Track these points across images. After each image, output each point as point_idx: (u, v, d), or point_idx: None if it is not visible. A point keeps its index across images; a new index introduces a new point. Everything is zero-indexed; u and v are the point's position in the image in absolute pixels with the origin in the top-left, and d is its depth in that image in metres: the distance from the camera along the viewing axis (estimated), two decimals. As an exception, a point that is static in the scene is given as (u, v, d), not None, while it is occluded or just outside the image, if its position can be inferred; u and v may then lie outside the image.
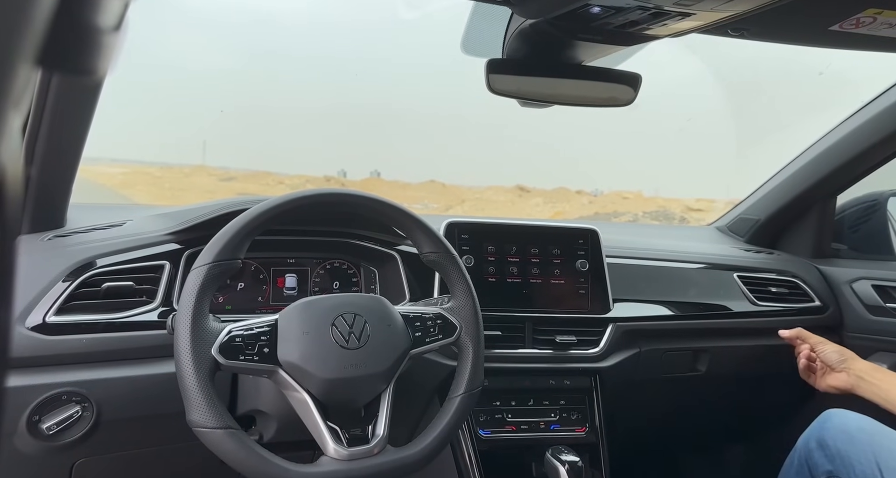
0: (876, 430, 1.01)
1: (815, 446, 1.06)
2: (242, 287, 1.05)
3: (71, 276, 0.87)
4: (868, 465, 0.97)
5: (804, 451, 1.09)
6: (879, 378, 1.04)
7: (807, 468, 1.07)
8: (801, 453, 1.10)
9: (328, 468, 0.72)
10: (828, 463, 1.03)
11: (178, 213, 1.04)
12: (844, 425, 1.04)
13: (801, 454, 1.09)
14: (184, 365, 0.69)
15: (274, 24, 10.43)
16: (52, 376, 0.82)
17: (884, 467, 0.95)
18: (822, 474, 1.05)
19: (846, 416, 1.06)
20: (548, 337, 1.14)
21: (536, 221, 1.22)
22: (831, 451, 1.03)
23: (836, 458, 1.02)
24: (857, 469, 0.98)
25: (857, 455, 0.99)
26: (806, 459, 1.08)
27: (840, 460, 1.01)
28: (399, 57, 9.54)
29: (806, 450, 1.08)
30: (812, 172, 1.52)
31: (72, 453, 0.85)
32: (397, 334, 0.81)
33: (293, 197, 0.81)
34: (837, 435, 1.03)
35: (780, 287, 1.42)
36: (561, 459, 0.92)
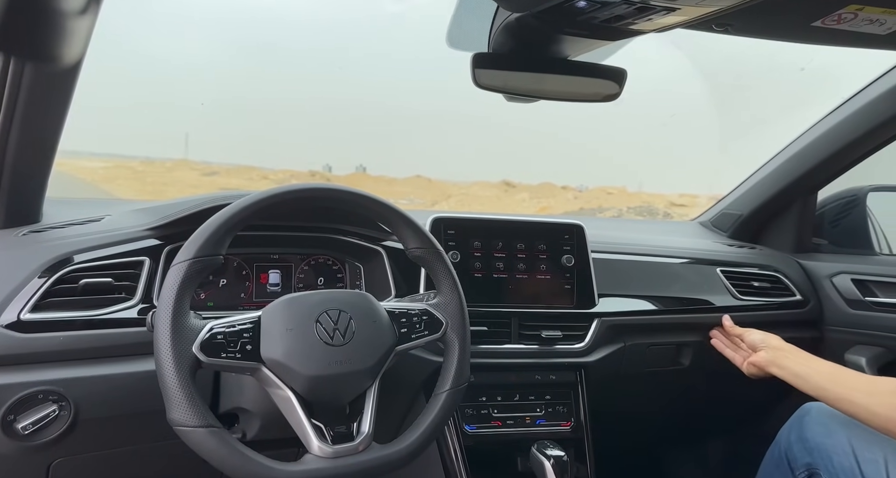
0: (852, 421, 1.02)
1: (794, 439, 1.08)
2: (225, 283, 1.04)
3: (47, 272, 0.85)
4: (845, 456, 0.98)
5: (784, 444, 1.10)
6: (793, 352, 1.10)
7: (786, 462, 1.09)
8: (781, 446, 1.11)
9: (313, 466, 0.72)
10: (807, 456, 1.05)
11: (159, 208, 1.02)
12: (822, 419, 1.05)
13: (782, 448, 1.11)
14: (164, 363, 0.68)
15: (257, 18, 10.31)
16: (27, 375, 0.80)
17: (861, 458, 0.96)
18: (801, 467, 1.06)
19: (823, 409, 1.07)
20: (534, 332, 1.14)
21: (522, 216, 1.22)
22: (810, 444, 1.05)
23: (815, 451, 1.03)
24: (835, 461, 0.99)
25: (834, 448, 1.01)
26: (786, 452, 1.09)
27: (818, 452, 1.03)
28: (385, 50, 9.50)
29: (786, 443, 1.10)
30: (793, 168, 1.54)
31: (49, 453, 0.84)
32: (383, 331, 0.81)
33: (276, 192, 0.80)
34: (815, 428, 1.05)
35: (762, 282, 1.44)
36: (546, 453, 0.92)
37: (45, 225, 0.97)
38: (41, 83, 0.83)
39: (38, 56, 0.69)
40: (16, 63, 0.77)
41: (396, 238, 0.90)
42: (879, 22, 0.81)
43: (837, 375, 1.01)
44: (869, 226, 1.55)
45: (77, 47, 0.75)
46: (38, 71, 0.80)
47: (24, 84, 0.81)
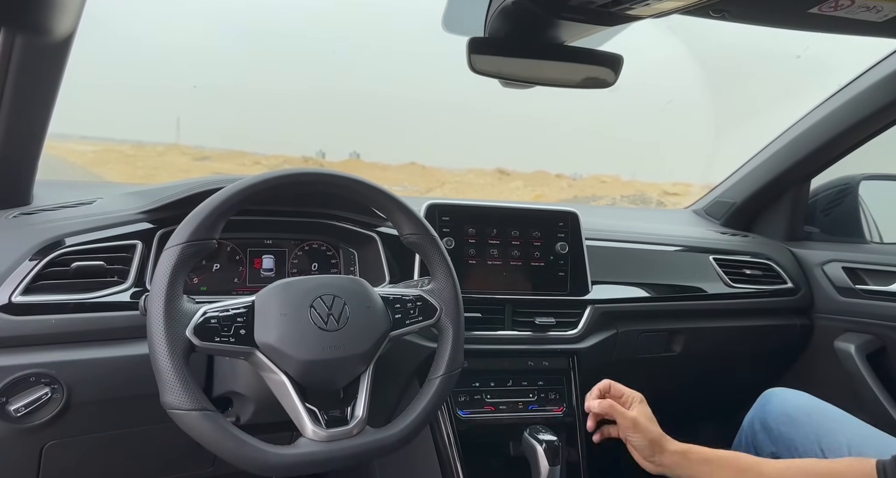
0: (815, 408, 1.03)
1: (759, 428, 1.08)
2: (218, 268, 1.04)
3: (38, 255, 0.84)
4: (810, 446, 0.98)
5: (749, 432, 1.10)
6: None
7: (753, 449, 1.09)
8: (746, 433, 1.11)
9: (307, 450, 0.72)
10: (771, 445, 1.05)
11: (151, 191, 1.01)
12: (783, 407, 1.05)
13: (747, 435, 1.11)
14: (157, 346, 0.68)
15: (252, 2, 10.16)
16: (19, 358, 0.80)
17: (825, 447, 0.97)
18: (767, 455, 1.06)
19: (785, 396, 1.07)
20: (527, 319, 1.14)
21: (517, 203, 1.22)
22: (774, 433, 1.05)
23: (779, 440, 1.04)
24: (801, 450, 1.00)
25: (799, 437, 1.01)
26: (752, 439, 1.09)
27: (783, 441, 1.03)
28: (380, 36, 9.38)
29: (751, 431, 1.10)
30: (787, 156, 1.55)
31: (42, 435, 0.84)
32: (377, 316, 0.81)
33: (271, 176, 0.79)
34: (779, 417, 1.05)
35: (753, 269, 1.45)
36: (538, 438, 0.93)
37: (35, 207, 0.96)
38: (32, 58, 0.81)
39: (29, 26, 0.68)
40: (6, 35, 0.76)
41: (391, 224, 0.89)
42: (876, 9, 0.80)
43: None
44: (861, 214, 1.56)
45: (69, 18, 0.74)
46: (29, 45, 0.78)
47: (14, 59, 0.80)
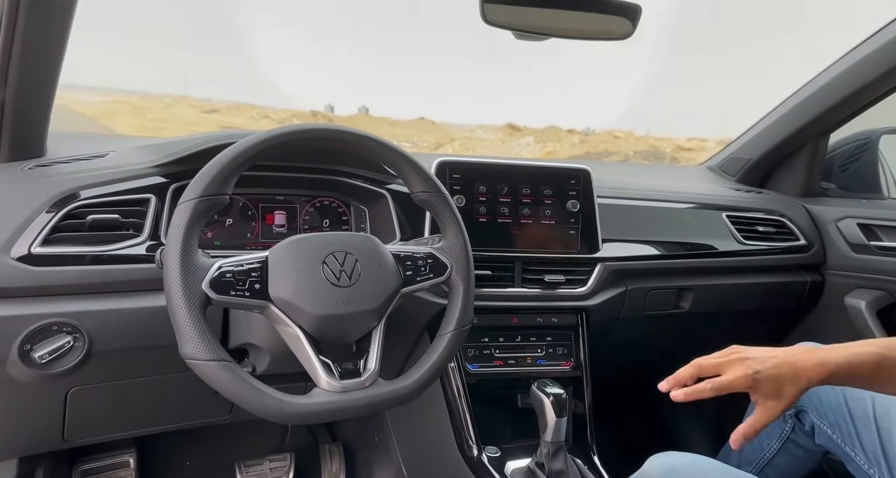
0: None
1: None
2: (231, 223, 1.04)
3: (55, 207, 0.85)
4: (834, 396, 0.99)
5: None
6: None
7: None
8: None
9: (322, 399, 0.74)
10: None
11: (163, 145, 1.01)
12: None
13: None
14: (174, 299, 0.69)
15: (255, -54, 9.60)
16: (41, 307, 0.82)
17: (849, 396, 0.97)
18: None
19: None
20: (537, 276, 1.15)
21: (529, 160, 1.20)
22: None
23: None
24: (824, 400, 1.01)
25: (823, 387, 1.01)
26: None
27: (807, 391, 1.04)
28: (388, -15, 8.83)
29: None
30: (806, 111, 1.51)
31: (66, 381, 0.87)
32: (388, 273, 0.81)
33: (281, 132, 0.79)
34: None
35: (766, 226, 1.44)
36: (546, 391, 0.95)
37: (50, 159, 0.96)
38: (41, 9, 0.80)
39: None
40: None
41: (401, 181, 0.89)
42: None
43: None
44: (879, 170, 1.53)
45: None
46: None
47: (21, 10, 0.79)
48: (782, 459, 1.12)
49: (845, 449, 0.97)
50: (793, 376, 0.76)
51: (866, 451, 0.93)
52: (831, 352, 0.77)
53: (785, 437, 1.10)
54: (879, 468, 0.91)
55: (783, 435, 1.10)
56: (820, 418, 1.02)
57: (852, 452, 0.95)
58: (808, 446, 1.08)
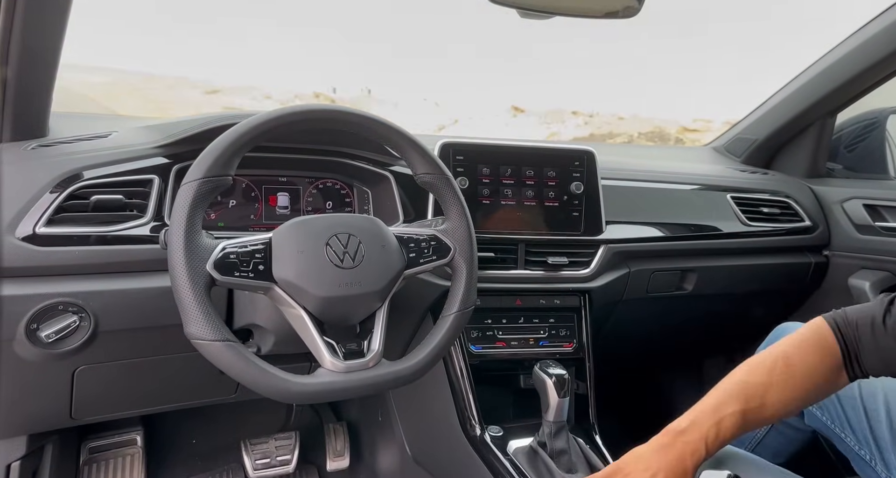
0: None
1: None
2: (234, 204, 1.04)
3: (58, 187, 0.85)
4: None
5: None
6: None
7: None
8: None
9: (326, 379, 0.75)
10: None
11: (165, 126, 1.01)
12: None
13: None
14: (179, 280, 0.70)
15: (256, -78, 9.42)
16: (47, 287, 0.82)
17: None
18: None
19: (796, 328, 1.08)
20: (540, 259, 1.15)
21: (533, 142, 1.20)
22: None
23: None
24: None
25: None
26: None
27: None
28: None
29: None
30: (813, 91, 1.49)
31: (73, 360, 0.88)
32: (391, 255, 0.82)
33: (284, 112, 0.78)
34: None
35: (771, 207, 1.43)
36: (548, 371, 0.95)
37: (52, 140, 0.96)
38: None
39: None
40: None
41: (405, 163, 0.89)
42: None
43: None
44: (887, 150, 1.52)
45: None
46: None
47: None
48: (773, 438, 1.13)
49: (835, 431, 0.98)
50: (681, 476, 0.74)
51: (856, 432, 0.94)
52: (699, 434, 0.76)
53: None
54: (870, 449, 0.91)
55: None
56: None
57: (842, 433, 0.96)
58: (798, 426, 1.09)
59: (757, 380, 0.79)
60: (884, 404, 0.90)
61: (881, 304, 0.79)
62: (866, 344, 0.78)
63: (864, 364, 0.79)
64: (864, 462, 0.93)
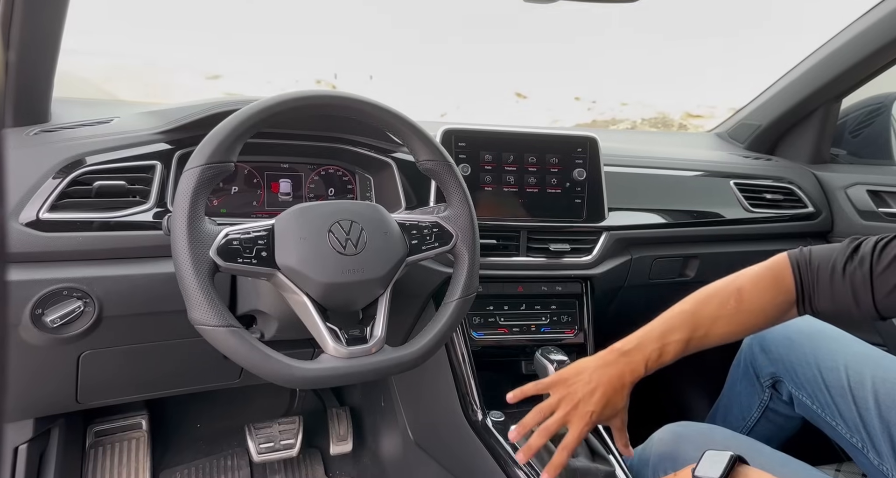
0: (814, 330, 1.04)
1: (758, 350, 1.10)
2: (237, 191, 1.04)
3: (61, 173, 0.85)
4: (808, 368, 1.00)
5: (748, 354, 1.12)
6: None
7: (752, 370, 1.12)
8: (745, 355, 1.14)
9: (329, 365, 0.75)
10: (771, 365, 1.07)
11: (167, 111, 1.00)
12: (784, 330, 1.05)
13: (746, 356, 1.13)
14: (183, 266, 0.70)
15: None
16: (51, 272, 0.83)
17: (823, 367, 0.98)
18: (766, 376, 1.09)
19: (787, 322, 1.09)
20: (542, 246, 1.15)
21: (535, 128, 1.19)
22: (773, 355, 1.07)
23: (779, 362, 1.05)
24: (799, 372, 1.02)
25: (797, 359, 1.02)
26: (750, 361, 1.12)
27: (782, 363, 1.05)
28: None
29: (750, 353, 1.12)
30: (818, 75, 1.48)
31: (78, 345, 0.88)
32: (394, 242, 0.82)
33: (286, 98, 0.78)
34: (779, 339, 1.06)
35: (774, 194, 1.43)
36: (550, 358, 0.96)
37: (54, 125, 0.96)
38: None
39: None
40: None
41: (407, 149, 0.88)
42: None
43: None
44: (891, 135, 1.51)
45: None
46: None
47: None
48: (764, 426, 1.13)
49: (826, 418, 0.98)
50: (617, 392, 0.83)
51: (846, 420, 0.94)
52: (641, 355, 0.84)
53: (764, 405, 1.11)
54: (861, 436, 0.92)
55: (762, 404, 1.12)
56: (797, 388, 1.03)
57: (833, 421, 0.97)
58: (787, 413, 1.10)
59: (707, 312, 0.85)
60: (872, 393, 0.91)
61: (845, 249, 0.82)
62: (823, 287, 0.81)
63: (816, 305, 0.82)
64: (856, 450, 0.93)
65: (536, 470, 0.94)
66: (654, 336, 0.84)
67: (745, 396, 1.15)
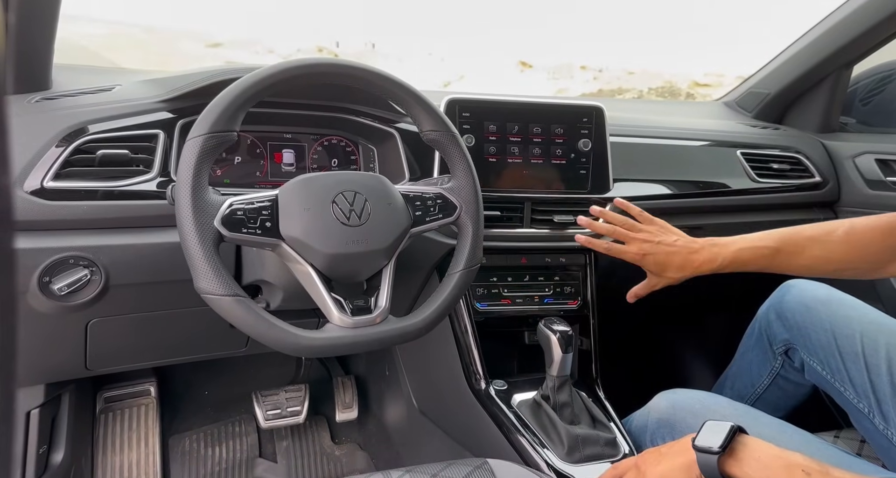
0: (832, 298, 1.04)
1: (774, 317, 1.10)
2: (240, 161, 1.04)
3: (64, 141, 0.85)
4: (824, 334, 1.01)
5: (764, 321, 1.13)
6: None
7: (766, 338, 1.13)
8: (760, 323, 1.15)
9: (334, 334, 0.76)
10: (785, 332, 1.08)
11: (168, 79, 0.99)
12: (802, 297, 1.06)
13: (762, 324, 1.14)
14: (188, 235, 0.70)
15: None
16: (57, 241, 0.83)
17: (838, 334, 0.99)
18: (779, 343, 1.10)
19: (805, 287, 1.08)
20: (546, 217, 1.15)
21: (540, 98, 1.17)
22: (789, 322, 1.07)
23: (794, 328, 1.06)
24: (813, 338, 1.03)
25: (813, 325, 1.03)
26: (765, 329, 1.13)
27: (797, 330, 1.06)
28: None
29: (766, 321, 1.13)
30: (829, 42, 1.45)
31: (85, 313, 0.89)
32: (398, 213, 0.82)
33: (288, 66, 0.77)
34: (795, 307, 1.07)
35: (781, 163, 1.42)
36: (553, 328, 0.96)
37: (56, 92, 0.95)
38: None
39: None
40: None
41: (410, 120, 0.88)
42: None
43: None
44: None
45: None
46: None
47: None
48: (772, 393, 1.15)
49: (835, 385, 0.99)
50: (680, 264, 0.94)
51: (855, 386, 0.95)
52: (725, 248, 0.92)
53: (775, 373, 1.13)
54: (868, 402, 0.93)
55: (773, 371, 1.13)
56: (810, 355, 1.04)
57: (842, 387, 0.98)
58: (797, 381, 1.11)
59: (808, 232, 0.87)
60: (885, 359, 0.92)
61: None
62: None
63: None
64: (861, 415, 0.95)
65: (539, 436, 0.96)
66: (743, 239, 0.89)
67: (756, 364, 1.16)
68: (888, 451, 0.90)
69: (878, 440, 0.93)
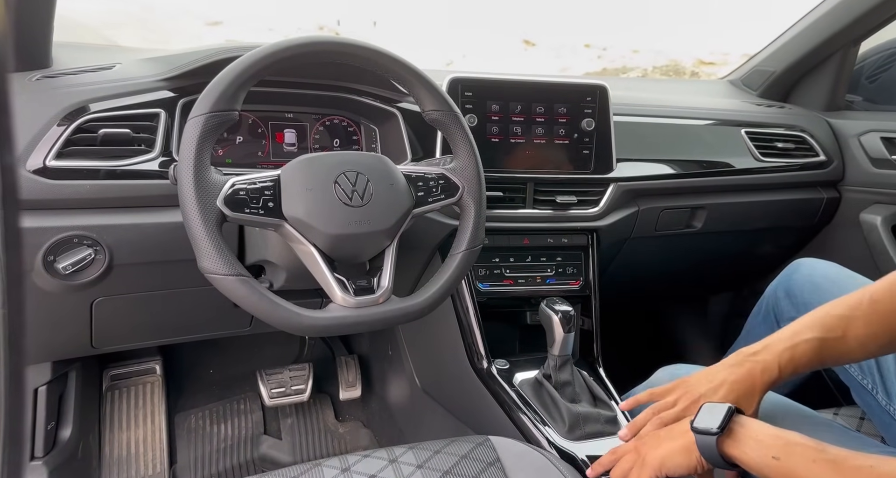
0: (842, 276, 1.03)
1: (782, 295, 1.10)
2: (241, 141, 1.04)
3: (66, 120, 0.84)
4: None
5: (772, 299, 1.13)
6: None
7: (773, 316, 1.13)
8: (768, 301, 1.14)
9: (337, 314, 0.77)
10: (793, 311, 1.07)
11: (169, 58, 0.98)
12: (811, 275, 1.05)
13: (769, 303, 1.14)
14: (190, 215, 0.70)
15: None
16: (61, 220, 0.83)
17: None
18: (786, 321, 1.09)
19: (814, 265, 1.07)
20: (548, 198, 1.14)
21: (543, 77, 1.16)
22: (797, 300, 1.06)
23: (802, 306, 1.05)
24: None
25: (821, 303, 1.03)
26: (773, 307, 1.12)
27: (805, 308, 1.04)
28: None
29: (773, 298, 1.12)
30: (836, 19, 1.42)
31: (89, 292, 0.90)
32: (400, 194, 0.81)
33: (289, 44, 0.76)
34: (804, 285, 1.06)
35: (786, 142, 1.41)
36: (554, 308, 0.97)
37: (56, 71, 0.94)
38: None
39: None
40: None
41: (412, 99, 0.87)
42: None
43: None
44: None
45: None
46: None
47: None
48: None
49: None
50: (747, 393, 0.76)
51: (861, 364, 0.96)
52: (772, 355, 0.76)
53: None
54: (872, 378, 0.94)
55: None
56: None
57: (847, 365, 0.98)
58: None
59: (838, 312, 0.79)
60: None
61: None
62: None
63: None
64: (865, 391, 0.95)
65: (540, 414, 0.97)
66: (784, 337, 0.78)
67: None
68: (890, 426, 0.91)
69: (881, 416, 0.93)
